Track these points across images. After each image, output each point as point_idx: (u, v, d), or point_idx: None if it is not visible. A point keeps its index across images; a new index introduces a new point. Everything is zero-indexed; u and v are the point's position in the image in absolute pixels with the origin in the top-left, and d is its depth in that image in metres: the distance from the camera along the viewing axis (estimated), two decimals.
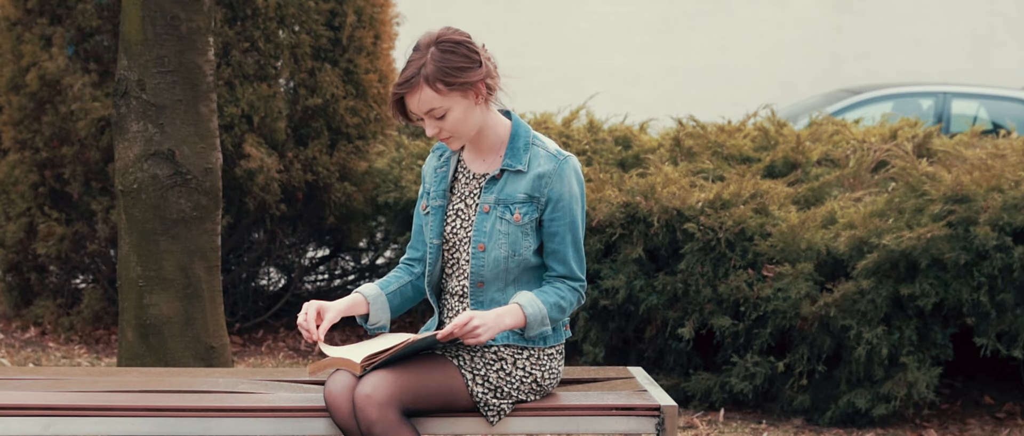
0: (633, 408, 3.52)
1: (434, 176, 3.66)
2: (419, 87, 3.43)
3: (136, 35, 4.44)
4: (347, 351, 3.42)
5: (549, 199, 3.51)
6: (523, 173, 3.53)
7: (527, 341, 3.53)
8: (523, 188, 3.52)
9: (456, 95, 3.45)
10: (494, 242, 3.51)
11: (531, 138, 3.57)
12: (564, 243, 3.53)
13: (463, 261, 3.57)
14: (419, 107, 3.45)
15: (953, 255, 5.23)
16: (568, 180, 3.53)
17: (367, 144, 7.19)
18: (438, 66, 3.42)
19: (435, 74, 3.42)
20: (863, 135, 6.78)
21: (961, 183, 5.35)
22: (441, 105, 3.44)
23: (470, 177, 3.61)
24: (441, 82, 3.42)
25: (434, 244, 3.61)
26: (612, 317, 5.81)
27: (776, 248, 5.51)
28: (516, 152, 3.55)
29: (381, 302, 3.63)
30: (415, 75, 3.43)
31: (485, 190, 3.55)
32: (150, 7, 4.42)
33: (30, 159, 6.90)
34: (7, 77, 6.94)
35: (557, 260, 3.54)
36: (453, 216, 3.60)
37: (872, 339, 5.33)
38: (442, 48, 3.44)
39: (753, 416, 5.61)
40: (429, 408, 3.44)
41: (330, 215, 7.13)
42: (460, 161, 3.65)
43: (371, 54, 7.27)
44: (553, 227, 3.52)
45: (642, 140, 6.89)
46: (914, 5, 15.57)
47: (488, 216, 3.53)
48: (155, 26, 4.42)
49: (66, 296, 7.09)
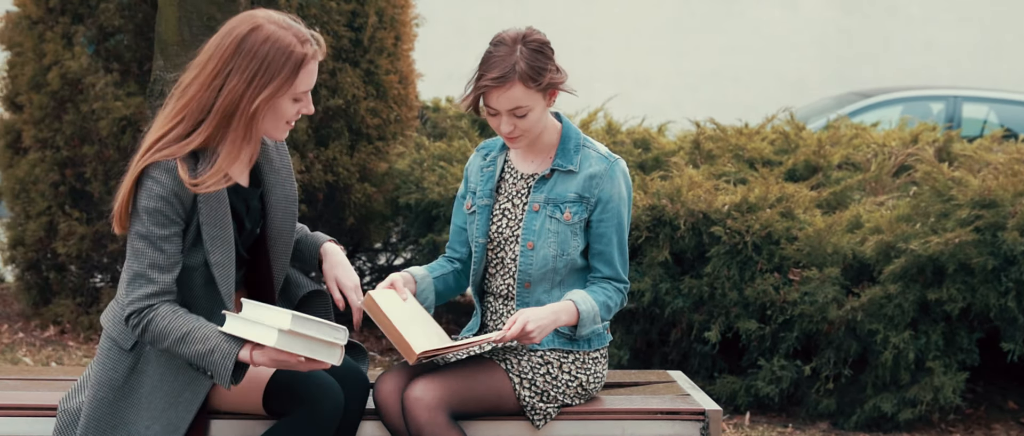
0: (678, 412, 3.52)
1: (480, 175, 3.66)
2: (511, 83, 3.42)
3: (172, 35, 4.45)
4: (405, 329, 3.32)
5: (599, 200, 3.53)
6: (574, 173, 3.55)
7: (573, 344, 3.53)
8: (574, 188, 3.54)
9: (540, 95, 3.47)
10: (543, 240, 3.53)
11: (582, 140, 3.61)
12: (611, 245, 3.55)
13: (509, 260, 3.58)
14: (505, 103, 3.44)
15: (980, 260, 5.24)
16: (618, 182, 3.55)
17: (387, 145, 7.19)
18: (531, 64, 3.43)
19: (528, 72, 3.42)
20: (883, 139, 6.79)
21: (988, 188, 5.36)
22: (527, 103, 3.45)
23: (517, 177, 3.62)
24: (533, 80, 3.43)
25: (479, 243, 3.61)
26: (637, 320, 5.81)
27: (802, 252, 5.51)
28: (567, 153, 3.57)
29: (428, 284, 3.64)
30: (509, 71, 3.41)
31: (535, 189, 3.57)
32: (186, 8, 4.42)
33: (51, 158, 6.89)
34: (28, 76, 6.93)
35: (603, 261, 3.56)
36: (499, 215, 3.61)
37: (899, 343, 5.33)
38: (531, 47, 3.45)
39: (779, 420, 5.62)
40: (477, 411, 3.45)
41: (350, 216, 7.13)
42: (507, 161, 3.65)
43: (392, 55, 7.27)
44: (601, 228, 3.54)
45: (661, 142, 6.89)
46: (923, 8, 15.59)
47: (538, 215, 3.54)
48: (191, 27, 4.43)
49: (85, 295, 7.09)
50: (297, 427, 3.20)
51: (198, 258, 3.22)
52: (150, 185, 3.14)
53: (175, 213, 3.16)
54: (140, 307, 3.14)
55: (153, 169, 3.15)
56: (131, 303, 3.15)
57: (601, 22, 15.31)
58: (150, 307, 3.14)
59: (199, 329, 3.11)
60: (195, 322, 3.13)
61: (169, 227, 3.16)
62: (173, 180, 3.14)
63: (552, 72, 3.47)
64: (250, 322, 3.12)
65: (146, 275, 3.14)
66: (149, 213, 3.14)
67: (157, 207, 3.14)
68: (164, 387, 3.21)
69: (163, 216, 3.15)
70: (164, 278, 3.15)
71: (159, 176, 3.14)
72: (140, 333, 3.15)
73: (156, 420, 3.19)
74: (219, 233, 3.21)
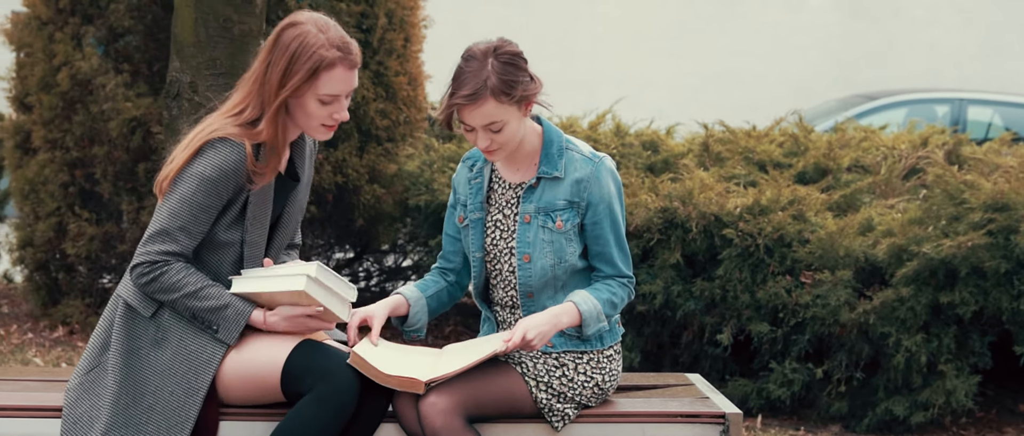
0: (698, 415, 3.52)
1: (469, 188, 3.62)
2: (483, 99, 3.36)
3: (188, 37, 4.45)
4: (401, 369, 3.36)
5: (589, 203, 3.50)
6: (560, 180, 3.51)
7: (585, 343, 3.52)
8: (562, 194, 3.50)
9: (514, 108, 3.42)
10: (539, 251, 3.50)
11: (564, 143, 3.55)
12: (608, 245, 3.52)
13: (507, 272, 3.55)
14: (479, 119, 3.39)
15: (993, 264, 5.24)
16: (605, 182, 3.51)
17: (396, 146, 7.19)
18: (502, 78, 3.37)
19: (500, 87, 3.37)
20: (892, 141, 6.79)
21: (1001, 191, 5.36)
22: (501, 118, 3.39)
23: (506, 187, 3.58)
24: (505, 95, 3.38)
25: (477, 257, 3.59)
26: (648, 322, 5.81)
27: (814, 255, 5.52)
28: (551, 159, 3.52)
29: (421, 305, 3.63)
30: (480, 87, 3.36)
31: (523, 200, 3.53)
32: (203, 9, 4.42)
33: (60, 159, 6.89)
34: (38, 76, 6.93)
35: (603, 261, 3.53)
36: (492, 227, 3.58)
37: (911, 347, 5.33)
38: (502, 60, 3.39)
39: (790, 422, 5.62)
40: (493, 414, 3.44)
41: (359, 217, 7.13)
42: (494, 171, 3.61)
43: (401, 57, 7.27)
44: (596, 231, 3.51)
45: (669, 144, 6.90)
46: (928, 10, 15.59)
47: (530, 226, 3.51)
48: (207, 28, 4.43)
49: (94, 296, 7.09)
50: (318, 401, 3.26)
51: (235, 235, 3.35)
52: (212, 155, 3.27)
53: (225, 189, 3.29)
54: (155, 259, 3.27)
55: (221, 142, 3.28)
56: (146, 253, 3.26)
57: (604, 24, 15.31)
58: (165, 262, 3.27)
59: (212, 286, 3.29)
60: (207, 280, 3.30)
61: (212, 200, 3.28)
62: (238, 158, 3.27)
63: (524, 84, 3.41)
64: (270, 276, 3.32)
65: (172, 234, 3.27)
66: (202, 180, 3.26)
67: (214, 177, 3.26)
68: (183, 352, 3.31)
69: (215, 188, 3.27)
70: (187, 243, 3.28)
71: (225, 150, 3.27)
72: (146, 283, 3.28)
73: (178, 385, 3.30)
74: (260, 213, 3.37)
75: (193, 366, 3.31)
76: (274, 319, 3.35)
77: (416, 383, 3.29)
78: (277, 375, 3.32)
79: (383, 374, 3.29)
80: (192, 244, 3.30)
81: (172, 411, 3.29)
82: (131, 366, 3.32)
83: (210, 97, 4.49)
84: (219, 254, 3.36)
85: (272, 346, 3.34)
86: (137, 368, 3.32)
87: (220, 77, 4.47)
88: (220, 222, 3.33)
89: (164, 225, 3.27)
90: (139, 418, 3.29)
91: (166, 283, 3.27)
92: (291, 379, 3.32)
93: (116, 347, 3.33)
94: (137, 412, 3.29)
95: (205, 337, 3.33)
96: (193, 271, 3.29)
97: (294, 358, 3.32)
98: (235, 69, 4.48)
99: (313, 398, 3.26)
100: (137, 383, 3.30)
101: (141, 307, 3.34)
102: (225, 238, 3.35)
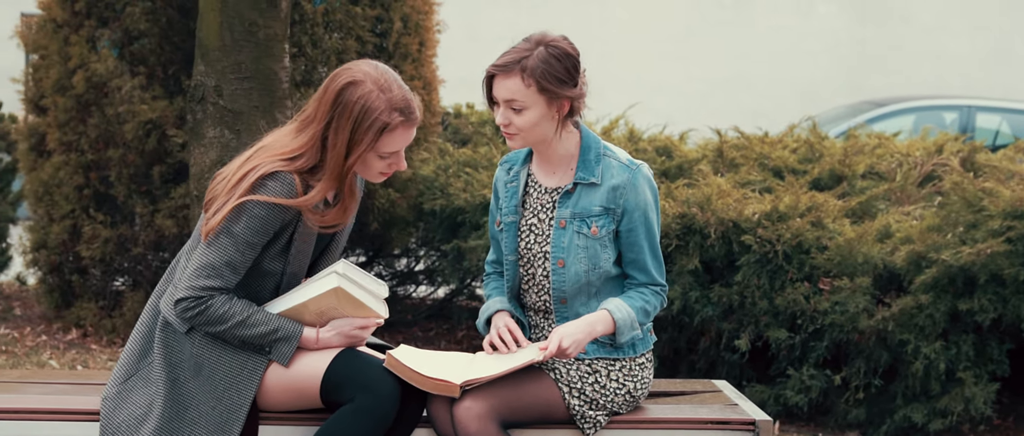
0: (728, 422, 3.52)
1: (505, 190, 3.64)
2: (512, 74, 3.41)
3: (214, 41, 4.44)
4: (437, 372, 3.37)
5: (625, 210, 3.50)
6: (597, 185, 3.51)
7: (618, 351, 3.52)
8: (598, 201, 3.51)
9: (541, 99, 3.43)
10: (573, 257, 3.50)
11: (602, 149, 3.55)
12: (642, 252, 3.52)
13: (540, 276, 3.56)
14: (503, 92, 3.43)
15: (1012, 271, 5.23)
16: (642, 189, 3.51)
17: (411, 151, 7.18)
18: (539, 65, 3.40)
19: (532, 70, 3.40)
20: (906, 148, 6.79)
21: (1020, 198, 5.36)
22: (523, 101, 3.42)
23: (541, 191, 3.59)
24: (534, 80, 3.40)
25: (510, 260, 3.60)
26: (665, 328, 5.81)
27: (833, 262, 5.52)
28: (588, 164, 3.53)
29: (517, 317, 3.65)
30: (514, 62, 3.41)
31: (559, 204, 3.53)
32: (228, 13, 4.42)
33: (75, 161, 6.89)
34: (53, 79, 6.93)
35: (637, 268, 3.54)
36: (526, 231, 3.58)
37: (930, 354, 5.33)
38: (550, 51, 3.42)
39: (808, 429, 5.61)
40: (526, 420, 3.45)
41: (373, 221, 7.13)
42: (530, 175, 3.62)
43: (416, 61, 7.27)
44: (631, 238, 3.52)
45: (683, 150, 6.90)
46: (936, 18, 15.60)
47: (565, 231, 3.51)
48: (233, 32, 4.43)
49: (108, 298, 7.09)
50: (359, 411, 3.27)
51: (278, 266, 3.37)
52: (265, 193, 3.27)
53: (273, 227, 3.29)
54: (201, 295, 3.28)
55: (272, 179, 3.28)
56: (191, 288, 3.27)
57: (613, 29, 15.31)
58: (210, 297, 3.28)
59: (258, 312, 3.32)
60: (252, 306, 3.33)
61: (259, 238, 3.29)
62: (289, 193, 3.27)
63: (560, 81, 3.43)
64: (300, 289, 3.36)
65: (219, 270, 3.28)
66: (252, 218, 3.27)
67: (264, 215, 3.26)
68: (222, 368, 3.33)
69: (264, 226, 3.28)
70: (232, 278, 3.30)
71: (276, 188, 3.27)
72: (193, 316, 3.29)
73: (219, 401, 3.31)
74: (304, 247, 3.38)
75: (236, 381, 3.33)
76: (328, 335, 3.37)
77: (451, 386, 3.29)
78: (317, 384, 3.34)
79: (419, 376, 3.29)
80: (236, 280, 3.31)
81: (216, 426, 3.30)
82: (175, 380, 3.33)
83: (235, 101, 4.50)
84: (260, 281, 3.38)
85: (312, 355, 3.35)
86: (182, 381, 3.33)
87: (245, 81, 4.47)
88: (266, 254, 3.35)
89: (210, 260, 3.28)
90: (183, 431, 3.30)
91: (212, 316, 3.29)
92: (331, 388, 3.33)
93: (159, 360, 3.35)
94: (181, 425, 3.30)
95: (247, 351, 3.35)
96: (236, 300, 3.31)
97: (334, 367, 3.33)
98: (260, 73, 4.48)
99: (354, 407, 3.27)
100: (182, 396, 3.32)
101: (178, 323, 3.36)
102: (268, 268, 3.37)
